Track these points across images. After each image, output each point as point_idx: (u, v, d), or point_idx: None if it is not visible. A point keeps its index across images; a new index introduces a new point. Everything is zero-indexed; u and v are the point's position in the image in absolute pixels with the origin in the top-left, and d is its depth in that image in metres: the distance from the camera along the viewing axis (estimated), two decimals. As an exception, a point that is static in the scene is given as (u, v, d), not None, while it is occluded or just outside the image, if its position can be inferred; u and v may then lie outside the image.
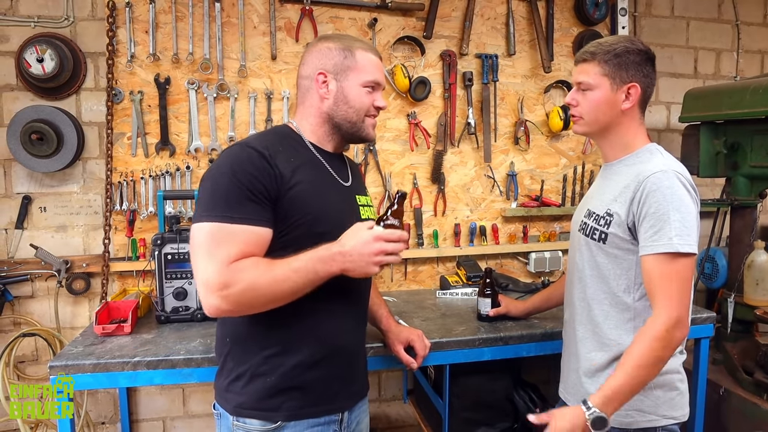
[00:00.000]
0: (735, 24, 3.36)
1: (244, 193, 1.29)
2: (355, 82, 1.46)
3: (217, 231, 1.28)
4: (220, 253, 1.26)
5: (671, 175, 1.42)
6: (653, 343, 1.36)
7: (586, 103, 1.55)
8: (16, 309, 2.56)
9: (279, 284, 1.27)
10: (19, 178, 2.52)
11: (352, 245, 1.29)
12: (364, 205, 1.57)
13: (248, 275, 1.26)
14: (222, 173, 1.32)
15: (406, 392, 2.97)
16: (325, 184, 1.46)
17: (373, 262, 1.30)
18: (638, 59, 1.51)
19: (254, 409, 1.39)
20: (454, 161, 2.91)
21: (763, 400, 2.31)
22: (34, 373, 2.59)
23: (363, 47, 1.48)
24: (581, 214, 1.66)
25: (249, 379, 1.39)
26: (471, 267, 2.80)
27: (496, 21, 2.91)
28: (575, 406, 1.41)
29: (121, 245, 2.57)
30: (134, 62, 2.51)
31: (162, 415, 2.77)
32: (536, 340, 2.10)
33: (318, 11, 2.67)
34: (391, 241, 1.31)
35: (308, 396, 1.41)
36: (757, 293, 2.51)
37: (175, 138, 2.59)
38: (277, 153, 1.36)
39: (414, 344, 1.79)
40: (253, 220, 1.30)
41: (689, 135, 2.78)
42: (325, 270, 1.29)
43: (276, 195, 1.33)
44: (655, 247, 1.40)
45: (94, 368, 1.78)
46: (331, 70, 1.46)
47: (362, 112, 1.48)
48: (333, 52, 1.46)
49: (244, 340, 1.41)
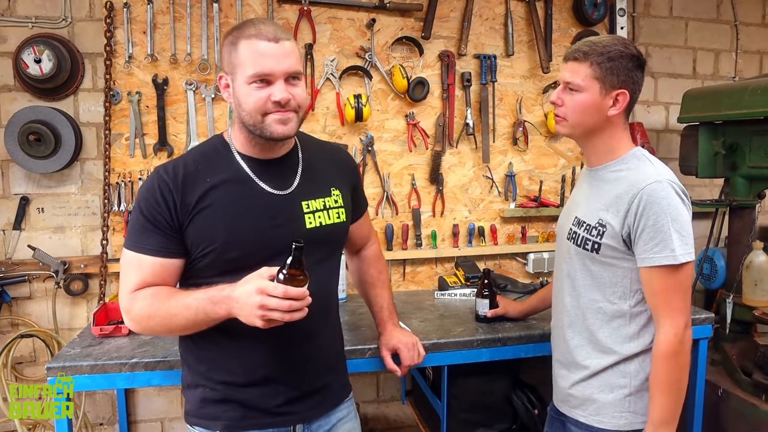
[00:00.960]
0: (734, 24, 3.36)
1: (148, 225, 1.31)
2: (241, 80, 1.28)
3: (128, 258, 1.34)
4: (127, 280, 1.34)
5: (666, 185, 1.41)
6: (673, 358, 1.41)
7: (572, 104, 1.49)
8: (13, 310, 2.55)
9: (171, 318, 1.28)
10: (17, 179, 2.52)
11: (239, 293, 1.20)
12: (318, 210, 1.42)
13: (143, 304, 1.30)
14: (136, 201, 1.36)
15: (405, 393, 2.97)
16: (243, 201, 1.34)
17: (256, 315, 1.17)
18: (630, 65, 1.45)
19: (197, 417, 1.41)
20: (453, 162, 2.91)
21: (761, 400, 2.31)
22: (32, 374, 2.59)
23: (248, 34, 1.27)
24: (569, 221, 1.62)
25: (193, 388, 1.42)
26: (469, 268, 2.80)
27: (494, 21, 2.91)
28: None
29: (119, 246, 2.55)
30: (132, 63, 2.51)
31: (160, 416, 2.77)
32: (534, 341, 2.10)
33: (316, 12, 2.66)
34: (275, 296, 1.16)
35: (247, 409, 1.38)
36: (755, 294, 2.50)
37: (173, 139, 2.58)
38: (190, 176, 1.32)
39: (399, 353, 1.73)
40: (157, 251, 1.31)
41: (688, 135, 2.78)
42: (213, 311, 1.24)
43: (179, 224, 1.31)
44: (657, 260, 1.40)
45: (92, 369, 1.79)
46: (228, 70, 1.33)
47: (256, 113, 1.29)
48: (225, 48, 1.32)
49: (185, 353, 1.46)
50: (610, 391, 1.53)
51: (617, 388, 1.52)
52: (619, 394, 1.52)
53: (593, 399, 1.56)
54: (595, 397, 1.55)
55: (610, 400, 1.53)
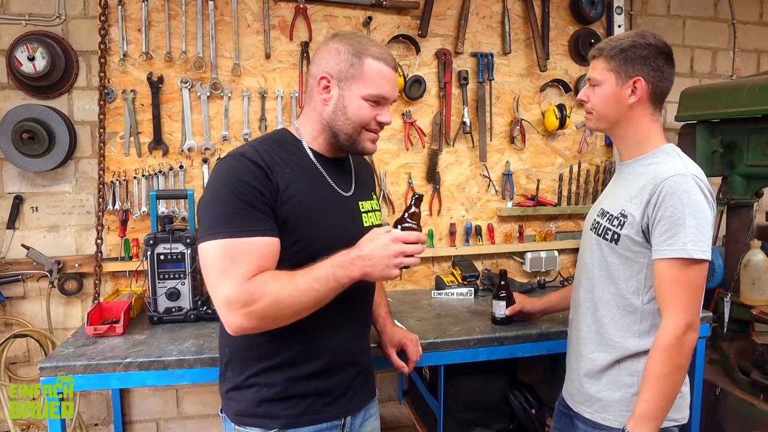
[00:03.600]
0: (731, 23, 3.36)
1: (246, 206, 1.25)
2: (357, 93, 1.36)
3: (228, 247, 1.23)
4: (235, 270, 1.22)
5: (689, 179, 1.40)
6: (668, 352, 1.38)
7: (595, 98, 1.56)
8: (7, 310, 2.54)
9: (302, 295, 1.24)
10: (11, 178, 2.50)
11: (371, 249, 1.27)
12: (369, 211, 1.52)
13: (270, 289, 1.22)
14: (221, 187, 1.27)
15: (402, 393, 2.96)
16: (323, 196, 1.39)
17: (393, 264, 1.27)
18: (645, 53, 1.50)
19: (253, 416, 1.39)
20: (450, 160, 2.90)
21: (759, 399, 2.30)
22: (26, 374, 2.57)
23: (376, 54, 1.36)
24: (594, 213, 1.64)
25: (247, 388, 1.39)
26: (466, 267, 2.79)
27: (491, 19, 2.90)
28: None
29: (114, 245, 2.55)
30: (127, 61, 2.49)
31: (155, 416, 2.75)
32: (531, 340, 2.09)
33: (312, 9, 2.65)
34: (410, 242, 1.29)
35: (307, 404, 1.39)
36: (753, 293, 2.50)
37: (168, 137, 2.57)
38: (273, 164, 1.31)
39: (406, 349, 1.76)
40: (263, 231, 1.26)
41: (685, 134, 2.77)
42: (345, 275, 1.26)
43: (274, 206, 1.29)
44: (668, 252, 1.39)
45: (86, 369, 1.77)
46: (335, 75, 1.36)
47: (359, 126, 1.39)
48: (341, 55, 1.36)
49: (241, 352, 1.40)
50: (617, 390, 1.53)
51: (624, 387, 1.52)
52: (626, 392, 1.51)
53: (599, 397, 1.56)
54: (601, 395, 1.55)
55: (618, 398, 1.53)
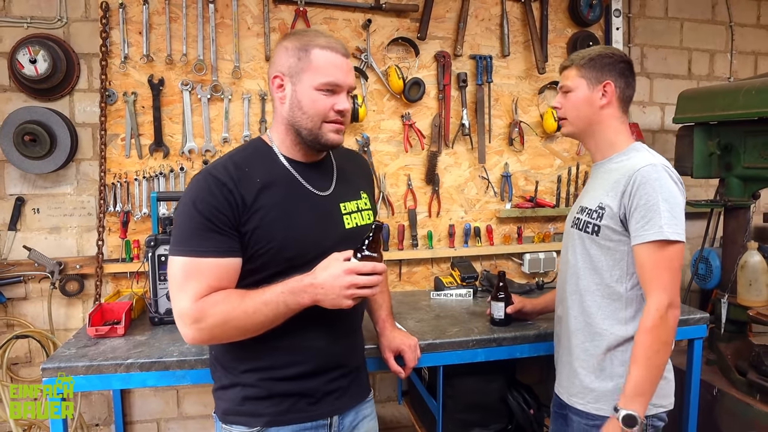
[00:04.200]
0: (729, 25, 3.37)
1: (207, 226, 1.28)
2: (309, 84, 1.35)
3: (186, 266, 1.29)
4: (190, 288, 1.28)
5: (660, 168, 1.52)
6: (654, 331, 1.46)
7: (568, 103, 1.69)
8: (9, 311, 2.55)
9: (250, 317, 1.28)
10: (12, 180, 2.51)
11: (324, 278, 1.26)
12: (354, 211, 1.49)
13: (219, 309, 1.27)
14: (186, 205, 1.32)
15: (401, 393, 2.97)
16: (294, 202, 1.38)
17: (345, 295, 1.26)
18: (611, 61, 1.65)
19: (237, 414, 1.41)
20: (449, 162, 2.91)
21: (756, 400, 2.32)
22: (28, 375, 2.58)
23: (322, 44, 1.36)
24: (574, 212, 1.74)
25: (232, 387, 1.42)
26: (465, 268, 2.80)
27: (490, 22, 2.91)
28: (611, 417, 1.51)
29: (115, 247, 2.56)
30: (128, 63, 2.50)
31: (156, 416, 2.76)
32: (530, 341, 2.10)
33: (312, 12, 2.66)
34: (364, 273, 1.26)
35: (290, 402, 1.40)
36: (750, 294, 2.51)
37: (169, 139, 2.58)
38: (242, 176, 1.33)
39: (404, 355, 1.77)
40: (219, 252, 1.29)
41: (683, 136, 2.79)
42: (295, 302, 1.28)
43: (238, 223, 1.31)
44: (646, 236, 1.48)
45: (87, 370, 1.78)
46: (286, 72, 1.37)
47: (317, 118, 1.36)
48: (289, 52, 1.37)
49: (224, 354, 1.44)
50: (610, 380, 1.59)
51: (616, 377, 1.58)
52: (618, 382, 1.57)
53: (592, 387, 1.62)
54: (594, 385, 1.61)
55: (610, 388, 1.59)
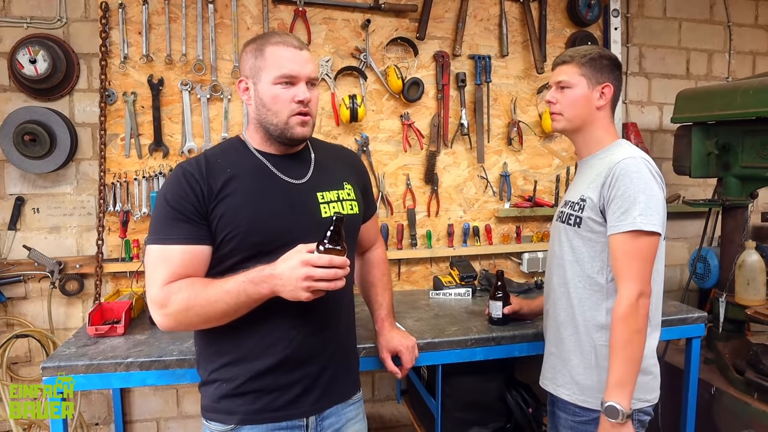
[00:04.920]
0: (727, 25, 3.38)
1: (174, 215, 1.34)
2: (267, 81, 1.40)
3: (155, 253, 1.35)
4: (158, 275, 1.33)
5: (639, 161, 1.54)
6: (625, 320, 1.48)
7: (566, 100, 1.68)
8: (9, 310, 2.55)
9: (212, 305, 1.30)
10: (12, 180, 2.52)
11: (282, 269, 1.26)
12: (334, 201, 1.49)
13: (182, 296, 1.30)
14: (159, 198, 1.38)
15: (400, 392, 2.97)
16: (263, 189, 1.41)
17: (301, 287, 1.24)
18: (609, 64, 1.68)
19: (214, 411, 1.44)
20: (448, 162, 2.92)
21: (754, 399, 2.32)
22: (28, 374, 2.59)
23: (275, 41, 1.41)
24: (560, 207, 1.78)
25: (211, 383, 1.45)
26: (464, 267, 2.81)
27: (489, 22, 2.92)
28: (601, 415, 1.51)
29: (115, 246, 2.57)
30: (127, 63, 2.51)
31: (156, 415, 2.77)
32: (528, 340, 2.11)
33: (311, 12, 2.67)
34: (320, 266, 1.24)
35: (264, 401, 1.41)
36: (748, 293, 2.52)
37: (169, 139, 2.59)
38: (211, 167, 1.39)
39: (401, 356, 1.77)
40: (186, 239, 1.34)
41: (681, 136, 2.79)
42: (255, 291, 1.29)
43: (206, 211, 1.36)
44: (621, 227, 1.51)
45: (87, 369, 1.79)
46: (248, 74, 1.43)
47: (283, 114, 1.40)
48: (248, 54, 1.44)
49: (204, 349, 1.48)
50: (596, 373, 1.61)
51: (603, 370, 1.58)
52: (603, 375, 1.57)
53: (578, 380, 1.64)
54: (580, 378, 1.63)
55: (595, 381, 1.60)
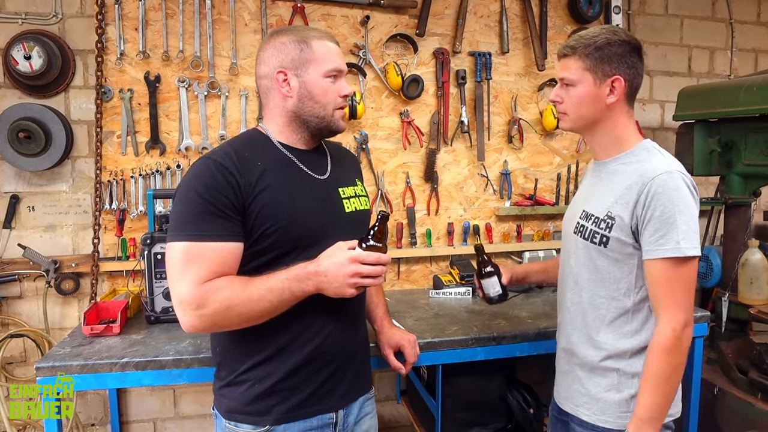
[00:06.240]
0: (729, 22, 3.36)
1: (208, 209, 1.27)
2: (317, 74, 1.39)
3: (187, 250, 1.27)
4: (191, 273, 1.26)
5: (676, 177, 1.39)
6: (669, 353, 1.37)
7: (570, 99, 1.51)
8: (3, 309, 2.52)
9: (254, 304, 1.27)
10: (7, 177, 2.49)
11: (327, 265, 1.27)
12: (352, 197, 1.51)
13: (222, 295, 1.26)
14: (187, 191, 1.30)
15: (400, 392, 2.95)
16: (296, 183, 1.40)
17: (348, 284, 1.27)
18: (621, 50, 1.45)
19: (244, 413, 1.40)
20: (448, 160, 2.89)
21: (757, 399, 2.30)
22: (23, 374, 2.56)
23: (318, 36, 1.42)
24: (576, 215, 1.59)
25: (239, 385, 1.40)
26: (464, 266, 2.79)
27: (489, 19, 2.89)
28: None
29: (111, 245, 2.54)
30: (124, 60, 2.48)
31: (153, 416, 2.74)
32: (529, 339, 2.09)
33: (309, 8, 2.64)
34: (368, 263, 1.28)
35: (297, 399, 1.40)
36: (751, 292, 2.50)
37: (166, 136, 2.56)
38: (242, 160, 1.33)
39: (404, 350, 1.76)
40: (222, 236, 1.28)
41: (683, 133, 2.77)
42: (299, 289, 1.28)
43: (242, 206, 1.30)
44: (662, 252, 1.37)
45: (82, 369, 1.77)
46: (290, 66, 1.39)
47: (330, 106, 1.41)
48: (288, 46, 1.40)
49: (231, 349, 1.43)
50: (617, 392, 1.51)
51: (626, 389, 1.50)
52: (625, 394, 1.49)
53: (599, 398, 1.53)
54: (600, 396, 1.53)
55: (617, 400, 1.50)
